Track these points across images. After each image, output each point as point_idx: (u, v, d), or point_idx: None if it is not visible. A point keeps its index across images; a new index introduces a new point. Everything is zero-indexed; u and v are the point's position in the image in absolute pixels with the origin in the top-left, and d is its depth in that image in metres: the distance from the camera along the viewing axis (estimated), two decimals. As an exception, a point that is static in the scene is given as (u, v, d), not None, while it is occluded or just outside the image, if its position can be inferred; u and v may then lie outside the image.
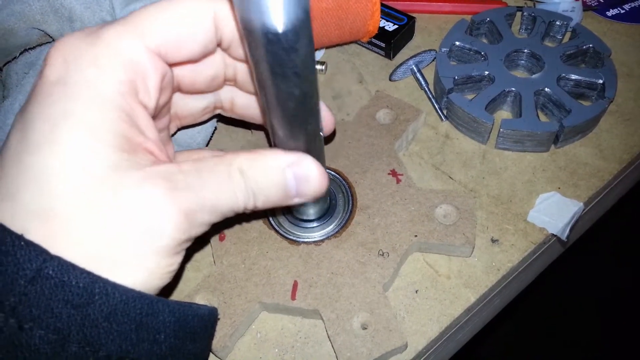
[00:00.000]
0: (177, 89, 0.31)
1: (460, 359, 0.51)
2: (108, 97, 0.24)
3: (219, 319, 0.33)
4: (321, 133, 0.29)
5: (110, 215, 0.23)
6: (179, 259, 0.26)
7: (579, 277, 1.16)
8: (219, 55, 0.30)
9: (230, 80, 0.32)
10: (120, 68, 0.24)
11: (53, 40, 0.38)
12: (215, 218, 0.26)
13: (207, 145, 0.42)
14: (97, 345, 0.22)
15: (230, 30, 0.27)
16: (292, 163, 0.27)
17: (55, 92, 0.24)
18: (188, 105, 0.33)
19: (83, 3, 0.36)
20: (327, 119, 0.33)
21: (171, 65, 0.28)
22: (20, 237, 0.21)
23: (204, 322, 0.27)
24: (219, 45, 0.29)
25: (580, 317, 1.12)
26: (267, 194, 0.27)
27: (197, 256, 0.39)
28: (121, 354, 0.23)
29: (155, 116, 0.28)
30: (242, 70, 0.31)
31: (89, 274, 0.22)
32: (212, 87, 0.32)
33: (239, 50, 0.29)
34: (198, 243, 0.40)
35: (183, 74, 0.30)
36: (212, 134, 0.40)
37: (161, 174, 0.24)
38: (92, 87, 0.24)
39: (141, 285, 0.24)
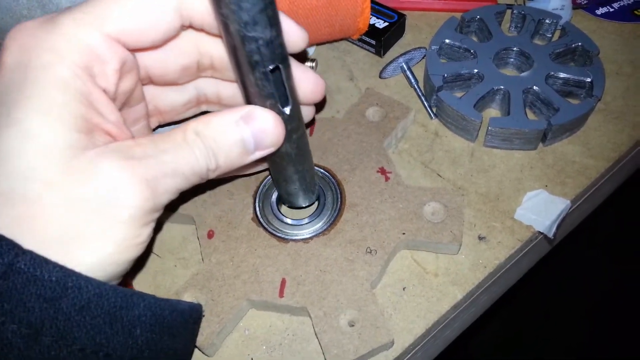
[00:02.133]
0: (149, 80, 0.31)
1: (448, 357, 0.51)
2: (65, 80, 0.24)
3: (203, 315, 0.33)
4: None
5: (71, 193, 0.23)
6: (147, 229, 0.26)
7: (567, 275, 1.17)
8: (189, 43, 0.30)
9: (207, 69, 0.32)
10: (76, 53, 0.25)
11: None
12: (180, 183, 0.26)
13: None
14: (71, 339, 0.22)
15: (198, 11, 0.27)
16: (245, 115, 0.27)
17: (13, 77, 0.24)
18: (168, 99, 0.33)
19: None
20: (310, 81, 0.32)
21: (133, 50, 0.28)
22: None
23: (183, 317, 0.27)
24: (190, 27, 0.29)
25: (569, 315, 1.12)
26: (226, 151, 0.27)
27: (186, 254, 0.39)
28: (95, 348, 0.23)
29: (123, 104, 0.29)
30: (219, 56, 0.31)
31: (62, 267, 0.22)
32: (185, 77, 0.32)
33: (214, 29, 0.29)
34: (187, 242, 0.40)
35: (151, 64, 0.30)
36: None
37: (116, 149, 0.25)
38: (50, 71, 0.24)
39: (110, 258, 0.24)
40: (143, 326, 0.25)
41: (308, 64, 0.49)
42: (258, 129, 0.27)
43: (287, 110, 0.29)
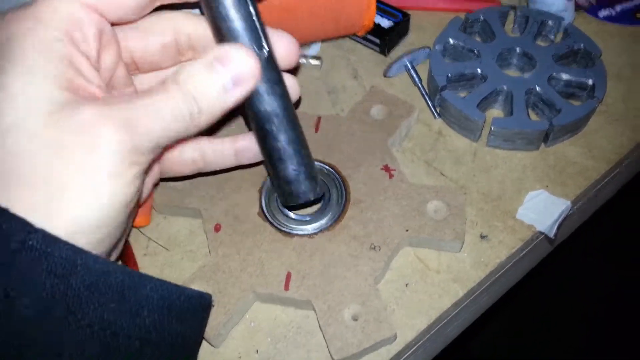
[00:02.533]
0: (135, 67, 0.32)
1: (449, 354, 0.52)
2: (47, 42, 0.25)
3: (213, 305, 0.34)
4: (266, 49, 0.30)
5: (54, 142, 0.24)
6: (132, 171, 0.26)
7: (568, 278, 1.18)
8: (165, 22, 0.31)
9: (187, 50, 0.33)
10: (57, 20, 0.26)
11: None
12: (162, 125, 0.26)
13: None
14: (80, 314, 0.23)
15: None
16: (217, 55, 0.28)
17: None
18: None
19: None
20: (284, 41, 0.33)
21: (112, 22, 0.29)
22: (4, 211, 0.22)
23: (192, 303, 0.28)
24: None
25: (570, 316, 1.13)
26: (205, 92, 0.27)
27: (193, 247, 0.40)
28: (103, 325, 0.24)
29: (110, 85, 0.30)
30: (196, 34, 0.32)
31: (72, 246, 0.23)
32: (167, 59, 0.33)
33: None
34: (194, 235, 0.40)
35: (133, 44, 0.31)
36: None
37: (95, 100, 0.25)
38: (32, 36, 0.25)
39: (98, 203, 0.24)
40: (150, 307, 0.25)
41: (313, 62, 0.49)
42: (233, 65, 0.28)
43: (264, 53, 0.30)
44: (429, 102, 0.46)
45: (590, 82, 0.44)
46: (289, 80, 0.33)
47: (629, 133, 0.44)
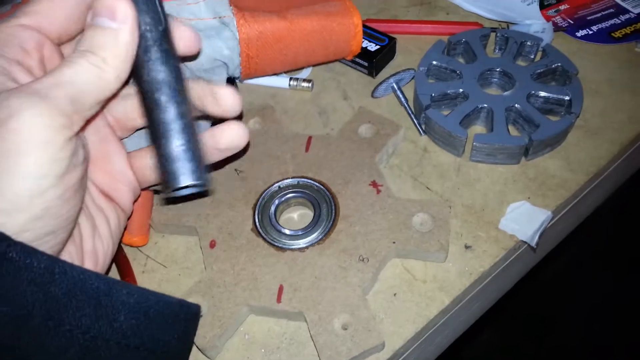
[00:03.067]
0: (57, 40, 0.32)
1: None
2: None
3: (201, 315, 0.35)
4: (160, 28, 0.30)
5: None
6: (60, 138, 0.25)
7: (559, 287, 1.19)
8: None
9: None
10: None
11: None
12: (71, 85, 0.26)
13: None
14: (59, 320, 0.24)
15: None
16: (92, 13, 0.28)
17: None
18: (120, 107, 0.35)
19: None
20: (184, 34, 0.33)
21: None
22: None
23: (171, 310, 0.29)
24: None
25: (563, 326, 1.14)
26: (99, 41, 0.28)
27: (189, 264, 0.41)
28: (82, 329, 0.25)
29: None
30: None
31: (50, 256, 0.24)
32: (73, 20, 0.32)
33: None
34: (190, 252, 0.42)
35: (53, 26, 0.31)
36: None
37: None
38: None
39: (26, 178, 0.24)
40: (127, 312, 0.26)
41: (304, 84, 0.52)
42: (104, 4, 0.28)
43: (160, 28, 0.30)
44: (414, 121, 0.48)
45: (567, 98, 0.46)
46: (234, 125, 0.35)
47: (607, 146, 0.46)
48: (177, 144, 0.30)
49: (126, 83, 0.30)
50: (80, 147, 0.28)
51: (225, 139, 0.35)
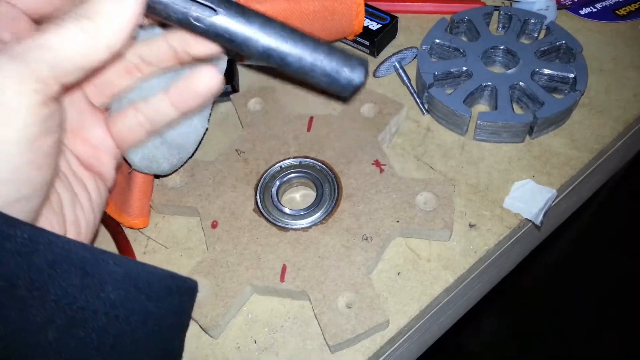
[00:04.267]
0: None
1: (444, 344, 0.53)
2: None
3: (196, 290, 0.34)
4: None
5: None
6: (32, 100, 0.25)
7: (562, 268, 1.19)
8: None
9: None
10: None
11: None
12: (54, 51, 0.25)
13: (199, 143, 0.42)
14: (44, 291, 0.24)
15: None
16: None
17: None
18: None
19: None
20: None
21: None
22: None
23: (163, 281, 0.28)
24: None
25: (566, 309, 1.14)
26: (98, 6, 0.26)
27: (191, 244, 0.41)
28: (69, 300, 0.24)
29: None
30: None
31: (32, 226, 0.24)
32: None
33: None
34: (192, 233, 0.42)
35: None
36: (204, 133, 0.42)
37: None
38: None
39: (20, 135, 0.24)
40: (114, 283, 0.26)
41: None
42: None
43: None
44: (417, 100, 0.48)
45: (571, 75, 0.45)
46: (209, 68, 0.33)
47: (612, 123, 0.45)
48: (322, 73, 0.31)
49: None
50: (56, 112, 0.26)
51: (202, 81, 0.33)
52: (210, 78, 0.33)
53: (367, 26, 0.51)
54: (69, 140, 0.32)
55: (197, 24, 0.29)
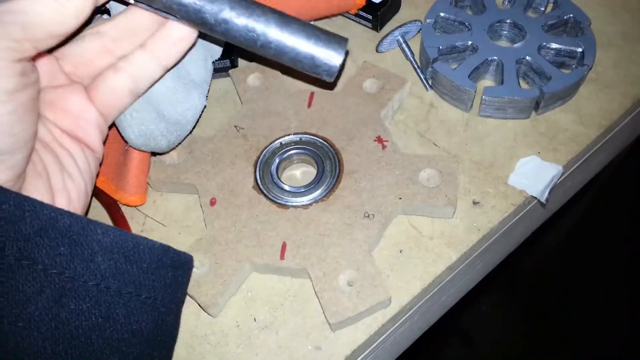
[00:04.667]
0: None
1: (446, 324, 0.52)
2: None
3: (192, 265, 0.34)
4: None
5: None
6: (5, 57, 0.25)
7: (568, 248, 1.18)
8: None
9: None
10: None
11: None
12: (25, 14, 0.25)
13: (198, 120, 0.41)
14: (32, 259, 0.24)
15: None
16: None
17: None
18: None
19: None
20: None
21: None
22: None
23: (154, 254, 0.28)
24: None
25: (571, 289, 1.14)
26: None
27: (189, 222, 0.40)
28: (58, 269, 0.24)
29: None
30: None
31: (18, 194, 0.24)
32: None
33: None
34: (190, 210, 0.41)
35: None
36: (202, 110, 0.41)
37: None
38: None
39: None
40: (104, 252, 0.26)
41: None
42: None
43: None
44: (420, 75, 0.46)
45: (579, 50, 0.44)
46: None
47: (620, 99, 0.44)
48: (303, 55, 0.32)
49: (87, 23, 0.29)
50: (31, 69, 0.27)
51: (176, 27, 0.33)
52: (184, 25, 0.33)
53: (370, -1, 0.50)
54: (48, 111, 0.31)
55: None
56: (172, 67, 0.36)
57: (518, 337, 1.10)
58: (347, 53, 0.34)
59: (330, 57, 0.33)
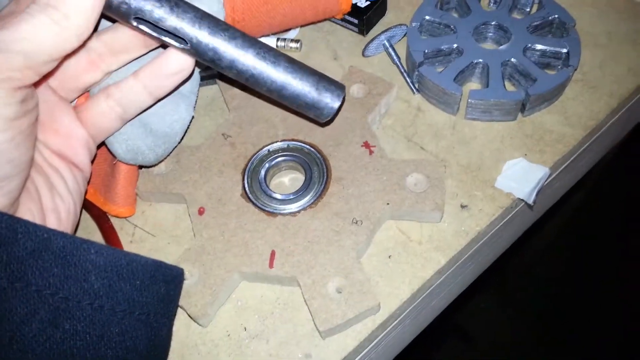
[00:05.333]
0: None
1: (438, 327, 0.53)
2: None
3: (183, 278, 0.34)
4: None
5: None
6: (5, 86, 0.25)
7: (558, 248, 1.19)
8: None
9: None
10: None
11: None
12: (26, 40, 0.25)
13: (186, 131, 0.41)
14: (26, 281, 0.24)
15: None
16: None
17: None
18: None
19: None
20: None
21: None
22: None
23: (146, 270, 0.28)
24: None
25: (562, 289, 1.14)
26: None
27: (178, 232, 0.40)
28: (51, 290, 0.24)
29: None
30: None
31: (10, 216, 0.24)
32: None
33: None
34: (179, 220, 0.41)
35: None
36: (190, 121, 0.40)
37: None
38: None
39: None
40: (97, 272, 0.26)
41: (292, 45, 0.50)
42: None
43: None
44: (407, 79, 0.46)
45: (564, 51, 0.44)
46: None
47: (606, 99, 0.44)
48: (306, 89, 0.35)
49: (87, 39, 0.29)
50: (31, 95, 0.27)
51: (172, 62, 0.33)
52: (181, 58, 0.33)
53: (356, 3, 0.50)
54: (39, 132, 0.31)
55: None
56: (164, 98, 0.35)
57: (515, 335, 1.11)
58: (343, 99, 0.37)
59: (328, 103, 0.35)
